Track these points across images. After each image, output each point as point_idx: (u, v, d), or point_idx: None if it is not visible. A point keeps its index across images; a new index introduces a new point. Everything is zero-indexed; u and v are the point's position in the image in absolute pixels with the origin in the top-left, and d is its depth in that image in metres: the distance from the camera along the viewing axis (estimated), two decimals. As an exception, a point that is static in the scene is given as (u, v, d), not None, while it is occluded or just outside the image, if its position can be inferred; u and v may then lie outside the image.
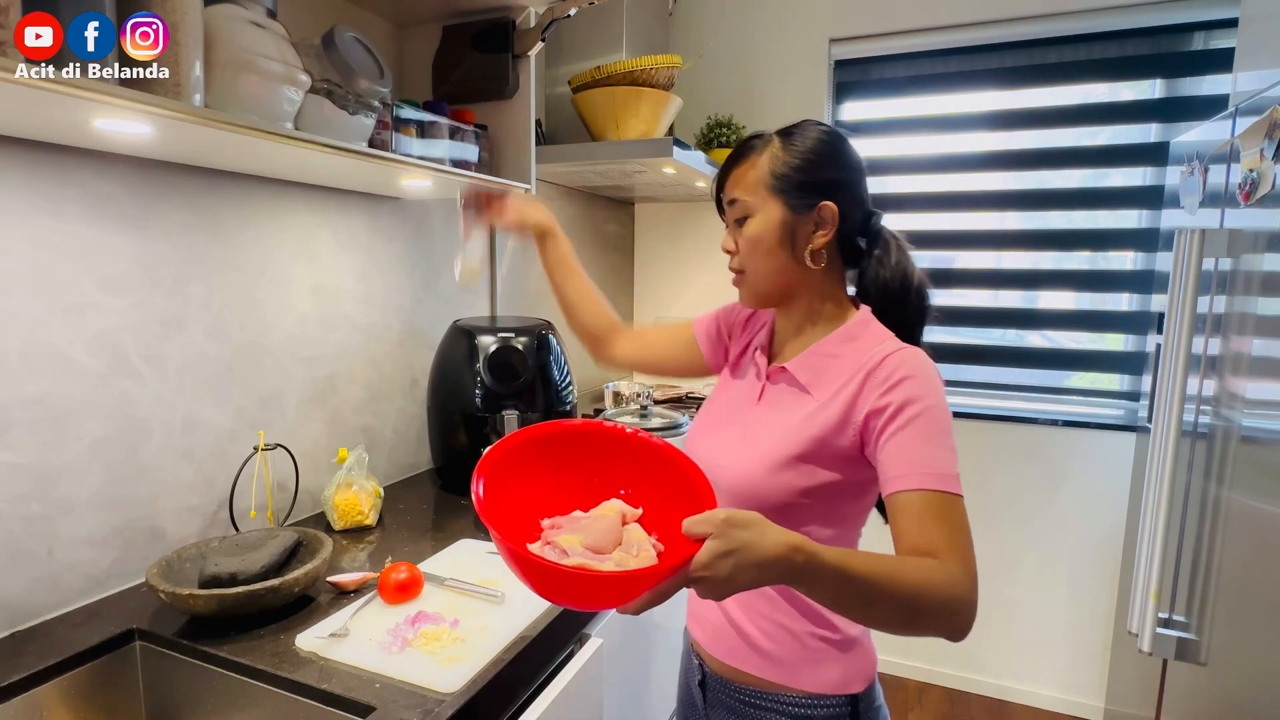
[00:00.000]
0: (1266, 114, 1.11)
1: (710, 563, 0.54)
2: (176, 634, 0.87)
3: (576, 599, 0.60)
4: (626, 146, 1.70)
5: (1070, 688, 2.23)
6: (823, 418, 0.77)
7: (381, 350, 1.49)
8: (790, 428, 0.79)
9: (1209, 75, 1.99)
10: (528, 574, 0.58)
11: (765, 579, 0.57)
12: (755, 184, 0.81)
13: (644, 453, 0.73)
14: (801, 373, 0.82)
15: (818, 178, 0.80)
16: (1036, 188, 2.20)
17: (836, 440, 0.76)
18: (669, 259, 2.64)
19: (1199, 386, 1.34)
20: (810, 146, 0.80)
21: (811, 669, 0.82)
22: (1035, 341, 2.29)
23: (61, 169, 0.91)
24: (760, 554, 0.55)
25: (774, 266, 0.82)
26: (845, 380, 0.77)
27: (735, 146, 0.85)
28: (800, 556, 0.57)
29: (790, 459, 0.77)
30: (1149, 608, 1.34)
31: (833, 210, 0.80)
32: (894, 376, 0.73)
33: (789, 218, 0.80)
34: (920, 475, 0.68)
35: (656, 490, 0.71)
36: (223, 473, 1.14)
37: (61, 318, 0.92)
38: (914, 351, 0.76)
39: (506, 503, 0.66)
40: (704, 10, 2.40)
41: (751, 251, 0.82)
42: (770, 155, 0.81)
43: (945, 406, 0.73)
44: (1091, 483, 2.14)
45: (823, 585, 0.59)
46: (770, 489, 0.78)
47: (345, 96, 0.97)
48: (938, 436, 0.70)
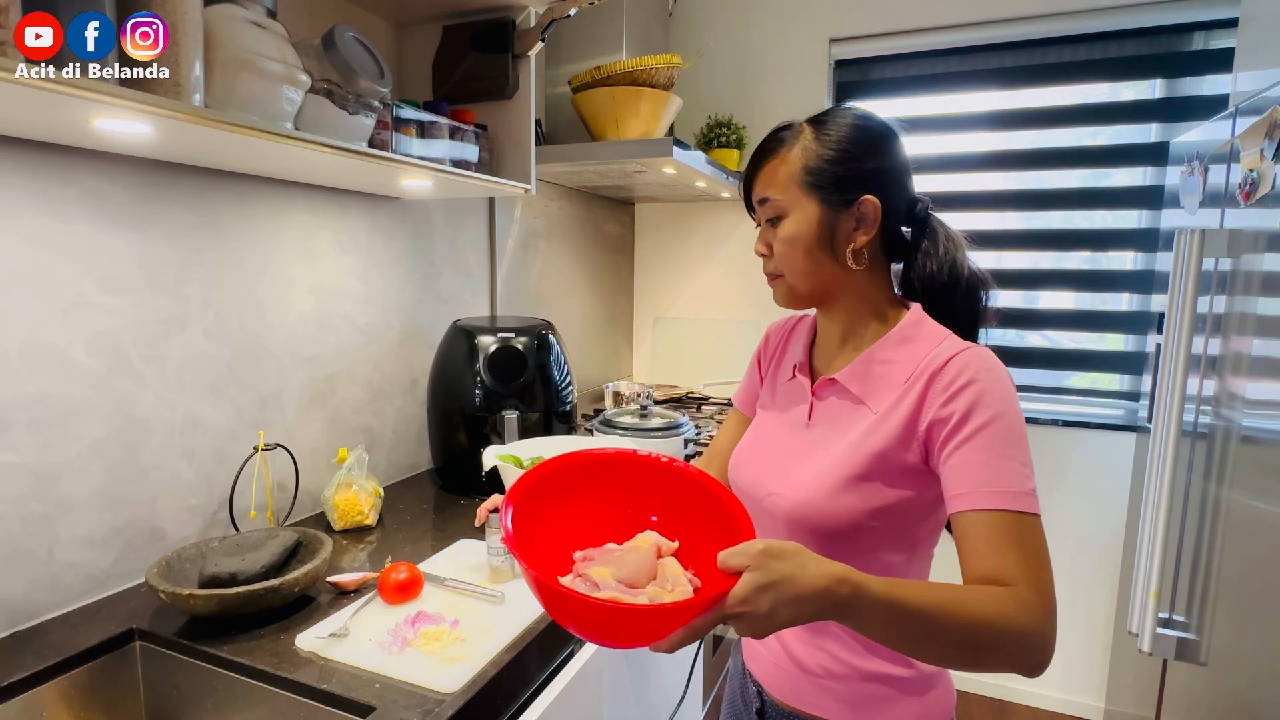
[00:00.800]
0: (1266, 114, 1.11)
1: (748, 597, 0.51)
2: (176, 634, 0.87)
3: (605, 634, 0.57)
4: (626, 146, 1.70)
5: (1070, 688, 2.23)
6: (884, 431, 0.70)
7: (381, 350, 1.49)
8: (849, 445, 0.72)
9: (1209, 75, 1.99)
10: (554, 606, 0.55)
11: (808, 613, 0.52)
12: (787, 180, 0.74)
13: (680, 482, 0.69)
14: (853, 383, 0.75)
15: (856, 170, 0.72)
16: (1037, 188, 2.19)
17: (901, 455, 0.69)
18: (669, 259, 2.64)
19: (1199, 386, 1.34)
20: (845, 135, 0.73)
21: (886, 711, 0.75)
22: (1035, 341, 2.29)
23: (61, 169, 0.91)
24: (801, 587, 0.51)
25: (813, 268, 0.75)
26: (905, 387, 0.70)
27: (764, 139, 0.77)
28: (845, 589, 0.52)
29: (852, 479, 0.70)
30: (1149, 608, 1.34)
31: (875, 205, 0.73)
32: (958, 381, 0.66)
33: (827, 215, 0.73)
34: (989, 494, 0.62)
35: (693, 522, 0.67)
36: (223, 473, 1.14)
37: (61, 318, 0.92)
38: (980, 352, 0.69)
39: (537, 533, 0.63)
40: (704, 10, 2.40)
41: (788, 254, 0.75)
42: (802, 148, 0.74)
43: (1018, 414, 0.66)
44: (1091, 483, 2.14)
45: (872, 619, 0.54)
46: (832, 514, 0.71)
47: (345, 96, 0.97)
48: (1008, 449, 0.63)
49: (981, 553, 0.61)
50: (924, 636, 0.55)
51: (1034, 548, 0.60)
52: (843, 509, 0.70)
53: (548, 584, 0.53)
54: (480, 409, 1.42)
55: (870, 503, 0.70)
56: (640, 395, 2.14)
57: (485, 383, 1.42)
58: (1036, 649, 0.57)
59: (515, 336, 1.45)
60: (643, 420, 1.63)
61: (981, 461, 0.63)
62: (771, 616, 0.51)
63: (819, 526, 0.72)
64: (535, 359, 1.46)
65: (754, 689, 0.85)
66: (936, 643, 0.56)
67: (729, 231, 2.52)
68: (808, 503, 0.72)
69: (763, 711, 0.83)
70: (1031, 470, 0.64)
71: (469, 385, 1.43)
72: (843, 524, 0.71)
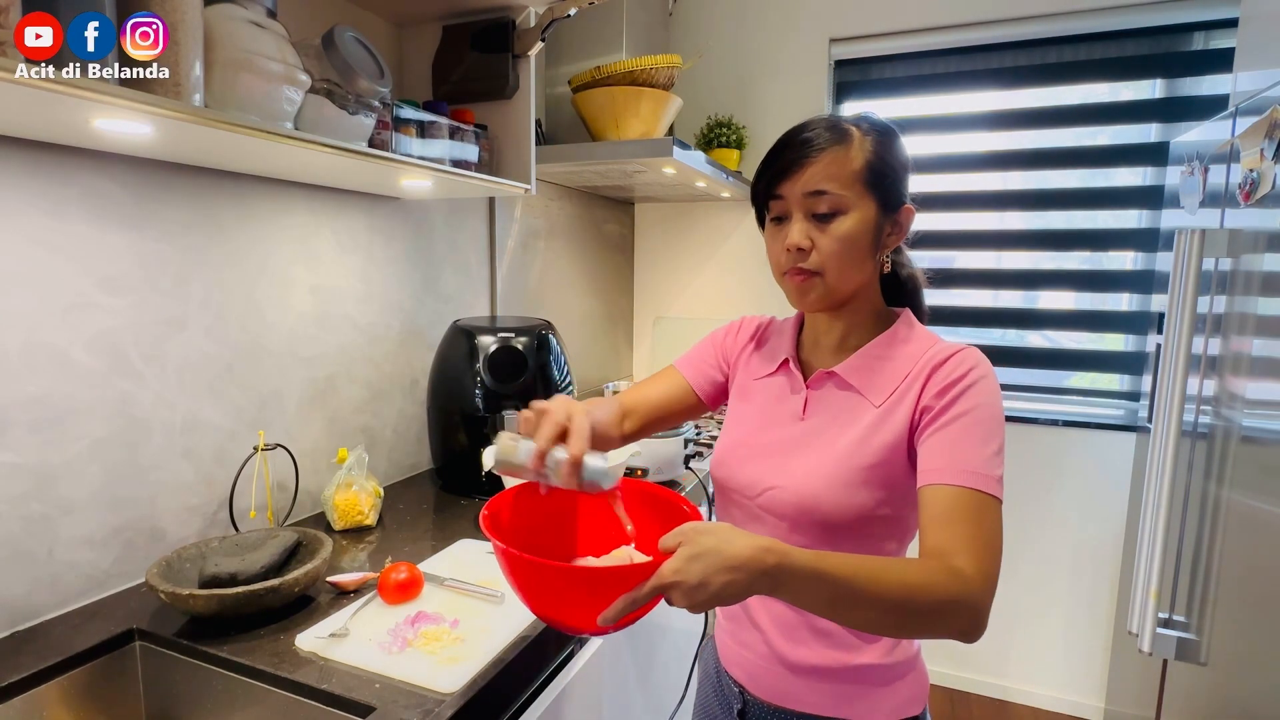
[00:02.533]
0: (1266, 114, 1.11)
1: (680, 567, 0.55)
2: (176, 634, 0.87)
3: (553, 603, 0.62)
4: (626, 146, 1.70)
5: (1070, 688, 2.23)
6: (891, 423, 0.73)
7: (381, 350, 1.49)
8: (857, 437, 0.74)
9: (1209, 75, 1.99)
10: (513, 572, 0.61)
11: (740, 583, 0.55)
12: (851, 177, 0.73)
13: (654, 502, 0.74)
14: (853, 376, 0.77)
15: (899, 177, 0.76)
16: (1037, 188, 2.20)
17: (906, 447, 0.72)
18: (669, 259, 2.64)
19: (1199, 386, 1.34)
20: (893, 142, 0.75)
21: (868, 699, 0.78)
22: (1035, 341, 2.29)
23: (61, 169, 0.91)
24: (729, 556, 0.55)
25: (858, 269, 0.76)
26: (908, 380, 0.73)
27: (813, 130, 0.75)
28: (771, 557, 0.56)
29: (864, 469, 0.72)
30: (1149, 608, 1.34)
31: (912, 214, 0.77)
32: (955, 373, 0.70)
33: (880, 218, 0.75)
34: (955, 471, 0.65)
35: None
36: (223, 473, 1.14)
37: (61, 318, 0.92)
38: (975, 351, 0.73)
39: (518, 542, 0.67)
40: (704, 10, 2.40)
41: (842, 253, 0.74)
42: (860, 147, 0.74)
43: (999, 411, 0.70)
44: (1091, 483, 2.14)
45: (799, 588, 0.57)
46: (843, 505, 0.72)
47: (345, 96, 0.97)
48: (983, 436, 0.67)
49: (936, 524, 0.64)
50: (850, 603, 0.58)
51: (985, 524, 0.63)
52: (854, 500, 0.72)
53: (508, 551, 0.59)
54: (480, 409, 1.42)
55: (881, 493, 0.72)
56: (640, 395, 2.14)
57: (485, 383, 1.42)
58: (964, 617, 0.60)
59: (515, 336, 1.45)
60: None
61: (958, 442, 0.67)
62: (704, 585, 0.54)
63: (828, 517, 0.73)
64: (535, 359, 1.46)
65: (735, 689, 0.86)
66: (862, 609, 0.59)
67: (729, 231, 2.52)
68: (816, 494, 0.73)
69: (745, 712, 0.85)
70: (1001, 461, 0.67)
71: (469, 385, 1.43)
72: (851, 515, 0.72)
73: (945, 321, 2.34)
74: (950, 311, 2.33)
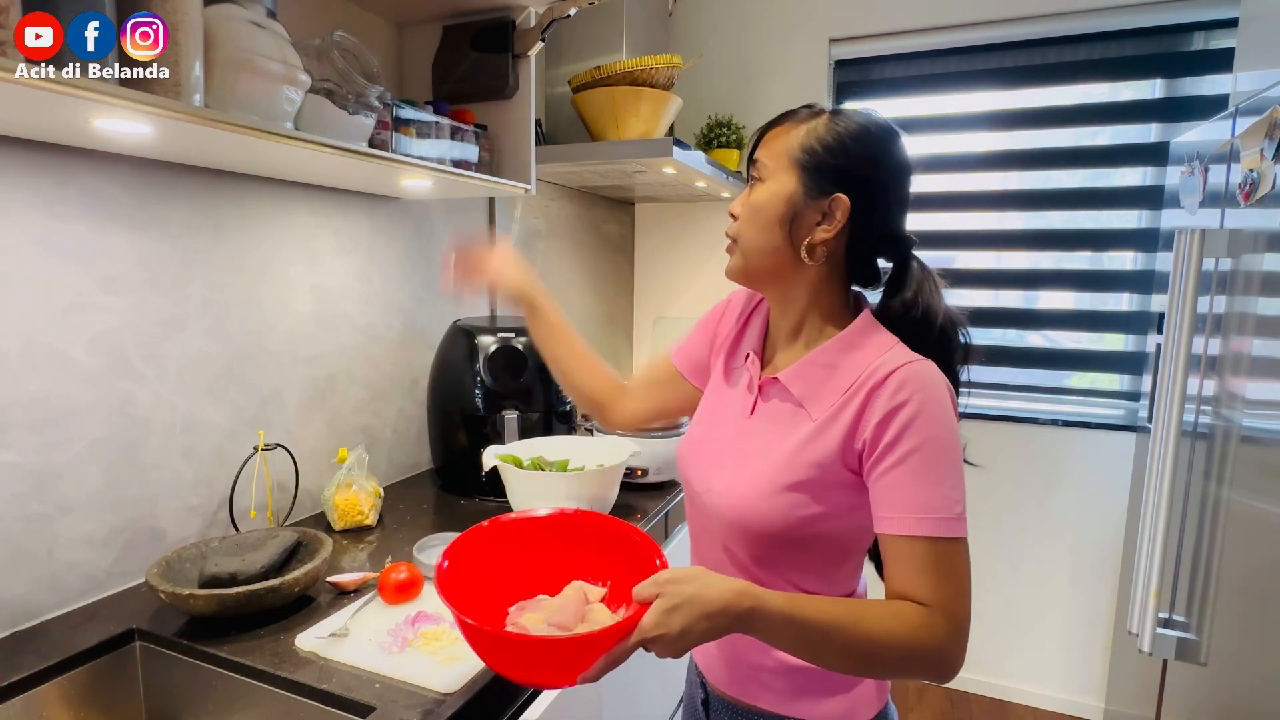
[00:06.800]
0: (1266, 114, 1.11)
1: (660, 621, 0.56)
2: (176, 634, 0.87)
3: (533, 670, 0.62)
4: (626, 146, 1.70)
5: (1070, 688, 2.23)
6: (823, 441, 0.70)
7: (381, 350, 1.49)
8: (789, 451, 0.72)
9: (1209, 75, 1.99)
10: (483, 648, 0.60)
11: (717, 627, 0.57)
12: (782, 150, 0.73)
13: (598, 531, 0.76)
14: (795, 384, 0.75)
15: (843, 166, 0.71)
16: (1037, 188, 2.19)
17: (838, 466, 0.69)
18: (669, 259, 2.64)
19: (1199, 386, 1.34)
20: (851, 131, 0.71)
21: (825, 698, 0.76)
22: (1035, 341, 2.29)
23: (61, 169, 0.91)
24: (706, 603, 0.57)
25: (766, 245, 0.74)
26: (846, 397, 0.70)
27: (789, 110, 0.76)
28: (747, 601, 0.58)
29: (789, 485, 0.71)
30: (1149, 608, 1.34)
31: (844, 205, 0.71)
32: (895, 399, 0.66)
33: (798, 197, 0.72)
34: (915, 520, 0.64)
35: (616, 565, 0.73)
36: (223, 473, 1.14)
37: (61, 318, 0.92)
38: (920, 368, 0.67)
39: (474, 590, 0.68)
40: (704, 10, 2.40)
41: (750, 220, 0.75)
42: (809, 127, 0.73)
43: (951, 435, 0.66)
44: (1091, 483, 2.14)
45: (773, 631, 0.59)
46: (768, 517, 0.72)
47: (345, 96, 0.97)
48: (937, 473, 0.64)
49: (902, 574, 0.65)
50: (823, 648, 0.61)
51: (951, 571, 0.64)
52: (776, 513, 0.71)
53: (475, 627, 0.58)
54: (480, 409, 1.42)
55: (803, 509, 0.71)
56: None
57: (485, 383, 1.42)
58: (937, 666, 0.62)
59: (515, 336, 1.45)
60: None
61: (910, 486, 0.65)
62: (685, 635, 0.57)
63: (753, 526, 0.73)
64: (535, 359, 1.46)
65: (699, 680, 0.88)
66: (835, 655, 0.61)
67: (729, 231, 2.51)
68: (742, 506, 0.74)
69: (707, 702, 0.86)
70: (960, 492, 0.65)
71: (469, 385, 1.43)
72: (776, 526, 0.72)
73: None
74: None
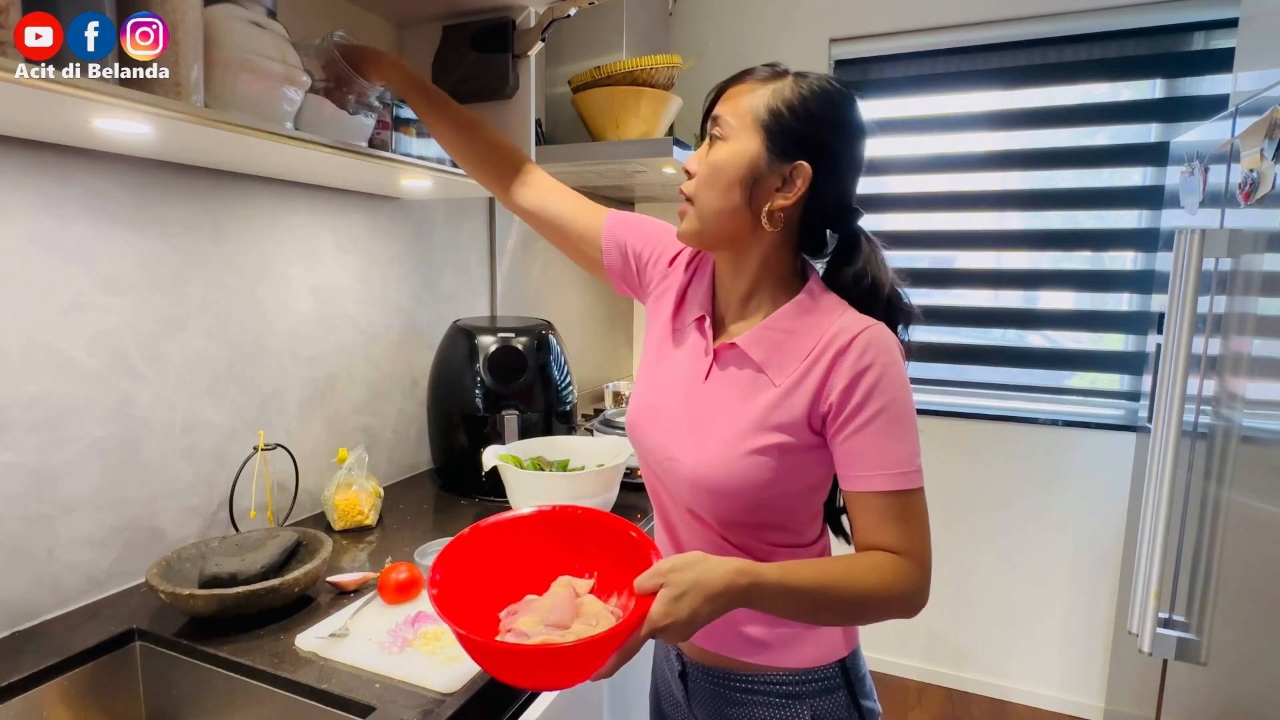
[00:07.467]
0: (1266, 114, 1.11)
1: (668, 609, 0.59)
2: (176, 634, 0.87)
3: (548, 677, 0.62)
4: (626, 146, 1.70)
5: (1070, 688, 2.23)
6: (790, 405, 0.71)
7: (381, 350, 1.49)
8: (756, 416, 0.73)
9: (1209, 75, 1.99)
10: (494, 664, 0.60)
11: (721, 608, 0.60)
12: (746, 109, 0.72)
13: (575, 523, 0.75)
14: (754, 349, 0.75)
15: (809, 133, 0.70)
16: (1037, 188, 2.19)
17: (805, 429, 0.72)
18: (669, 259, 2.63)
19: (1199, 386, 1.34)
20: (818, 97, 0.71)
21: (799, 646, 0.78)
22: (1035, 341, 2.29)
23: (61, 169, 0.91)
24: (708, 587, 0.60)
25: (725, 207, 0.73)
26: (809, 361, 0.72)
27: (748, 68, 0.75)
28: (745, 579, 0.61)
29: (756, 449, 0.72)
30: (1149, 608, 1.34)
31: (806, 173, 0.71)
32: (861, 364, 0.69)
33: (762, 161, 0.71)
34: (884, 477, 0.68)
35: (599, 555, 0.73)
36: (223, 473, 1.14)
37: (61, 318, 0.92)
38: (879, 333, 0.70)
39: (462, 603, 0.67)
40: (704, 10, 2.40)
41: (709, 180, 0.73)
42: (775, 89, 0.71)
43: (908, 394, 0.70)
44: (1091, 483, 2.13)
45: (771, 602, 0.64)
46: (738, 481, 0.73)
47: (345, 96, 0.97)
48: (900, 431, 0.69)
49: (871, 527, 0.70)
50: (817, 609, 0.67)
51: (915, 518, 0.70)
52: (746, 476, 0.73)
53: (485, 644, 0.58)
54: (480, 409, 1.42)
55: (770, 471, 0.73)
56: (640, 395, 2.14)
57: (485, 383, 1.42)
58: (911, 606, 0.69)
59: (515, 336, 1.45)
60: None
61: (878, 445, 0.69)
62: (693, 619, 0.59)
63: (721, 490, 0.74)
64: (535, 359, 1.46)
65: (675, 654, 0.87)
66: (828, 613, 0.68)
67: (729, 231, 2.51)
68: (709, 472, 0.74)
69: (684, 673, 0.86)
70: (917, 445, 0.70)
71: (469, 385, 1.43)
72: (745, 489, 0.73)
73: (946, 321, 2.33)
74: (951, 311, 2.32)
